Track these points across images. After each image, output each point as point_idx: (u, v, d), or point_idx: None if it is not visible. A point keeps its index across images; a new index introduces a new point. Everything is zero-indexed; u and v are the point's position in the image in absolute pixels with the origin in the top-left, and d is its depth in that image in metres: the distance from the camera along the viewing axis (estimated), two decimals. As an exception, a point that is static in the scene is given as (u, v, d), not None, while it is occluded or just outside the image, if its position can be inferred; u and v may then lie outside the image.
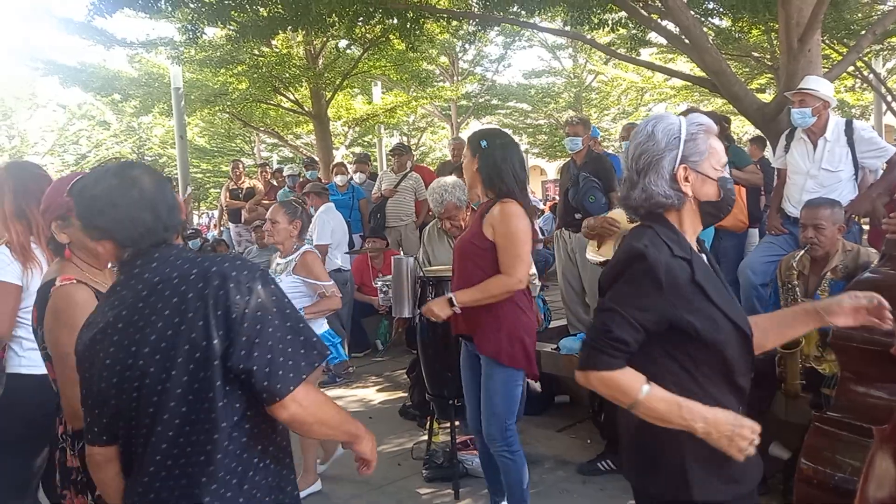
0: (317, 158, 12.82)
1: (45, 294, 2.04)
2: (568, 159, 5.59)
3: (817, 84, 4.32)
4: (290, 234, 3.99)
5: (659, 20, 7.03)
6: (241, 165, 10.18)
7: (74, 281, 2.00)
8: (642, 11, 6.76)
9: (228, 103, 14.16)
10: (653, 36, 10.53)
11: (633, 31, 9.27)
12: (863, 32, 7.25)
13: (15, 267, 2.49)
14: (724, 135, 5.63)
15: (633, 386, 1.62)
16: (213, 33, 12.05)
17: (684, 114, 1.90)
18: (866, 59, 12.26)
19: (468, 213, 3.91)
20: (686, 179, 1.70)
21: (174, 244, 1.63)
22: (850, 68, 11.42)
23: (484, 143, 3.03)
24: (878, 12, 10.72)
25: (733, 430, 1.61)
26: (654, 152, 1.70)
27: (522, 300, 3.08)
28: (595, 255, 4.00)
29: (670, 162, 1.70)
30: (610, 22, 8.36)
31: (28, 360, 2.51)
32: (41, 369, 2.31)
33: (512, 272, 2.94)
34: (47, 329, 2.01)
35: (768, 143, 6.11)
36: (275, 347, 1.48)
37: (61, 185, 2.12)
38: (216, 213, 15.59)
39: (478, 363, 3.15)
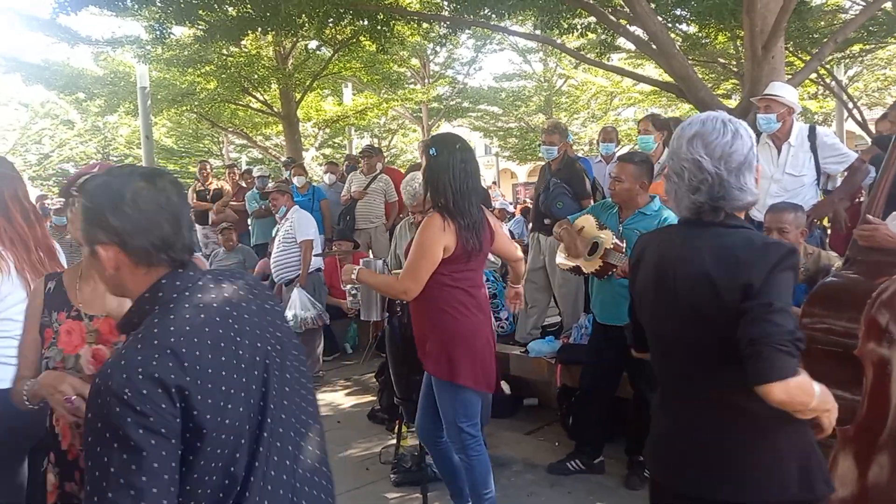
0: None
1: None
2: (542, 161, 5.61)
3: (782, 90, 4.40)
4: None
5: (627, 26, 7.10)
6: (208, 166, 10.05)
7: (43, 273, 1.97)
8: (611, 17, 6.84)
9: (196, 103, 13.98)
10: (621, 41, 10.65)
11: (602, 37, 9.36)
12: (825, 40, 7.40)
13: None
14: None
15: (811, 383, 1.59)
16: (180, 32, 11.90)
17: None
18: (828, 66, 12.51)
19: None
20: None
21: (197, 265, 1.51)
22: (813, 76, 11.64)
23: (432, 151, 2.96)
24: (840, 21, 10.95)
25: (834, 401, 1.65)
26: (744, 152, 1.69)
27: (460, 311, 2.97)
28: (566, 260, 3.98)
29: (755, 160, 1.73)
30: (579, 27, 8.43)
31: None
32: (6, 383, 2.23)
33: (402, 279, 2.96)
34: None
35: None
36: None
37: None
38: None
39: None
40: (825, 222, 4.70)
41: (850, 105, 13.37)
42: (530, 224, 5.87)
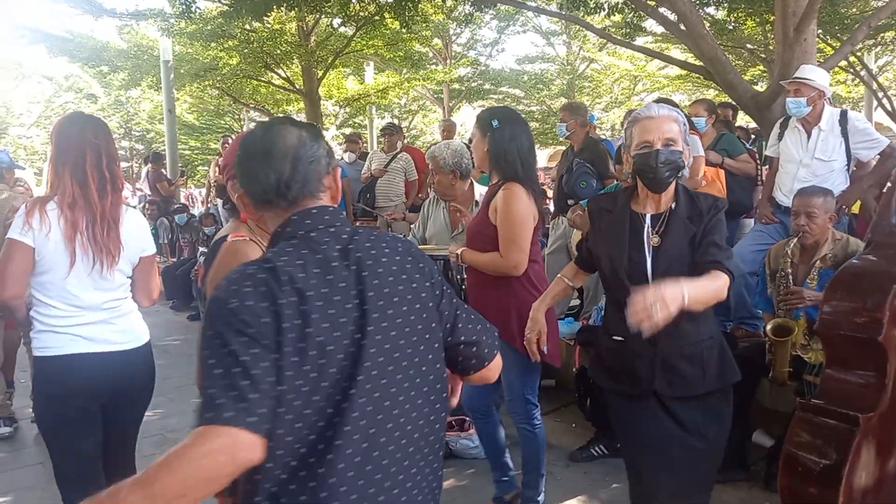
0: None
1: (214, 250, 2.00)
2: (564, 146, 5.56)
3: (813, 73, 4.29)
4: None
5: (656, 6, 6.99)
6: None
7: (246, 238, 1.94)
8: (640, -4, 6.73)
9: (218, 78, 14.00)
10: (648, 24, 10.50)
11: (629, 18, 9.23)
12: (857, 26, 7.24)
13: (29, 229, 2.26)
14: (725, 122, 5.66)
15: None
16: (204, 5, 11.89)
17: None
18: (859, 54, 12.28)
19: (456, 182, 3.83)
20: None
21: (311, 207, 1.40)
22: (843, 63, 11.43)
23: (495, 123, 2.91)
24: (872, 8, 10.72)
25: None
26: None
27: (533, 283, 3.01)
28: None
29: None
30: (606, 6, 8.30)
31: (40, 342, 2.34)
32: (57, 350, 2.31)
33: (506, 256, 2.90)
34: (209, 280, 1.91)
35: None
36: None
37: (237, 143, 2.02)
38: (203, 190, 15.45)
39: None
40: (855, 209, 4.60)
41: (880, 94, 13.13)
42: (551, 207, 5.82)
